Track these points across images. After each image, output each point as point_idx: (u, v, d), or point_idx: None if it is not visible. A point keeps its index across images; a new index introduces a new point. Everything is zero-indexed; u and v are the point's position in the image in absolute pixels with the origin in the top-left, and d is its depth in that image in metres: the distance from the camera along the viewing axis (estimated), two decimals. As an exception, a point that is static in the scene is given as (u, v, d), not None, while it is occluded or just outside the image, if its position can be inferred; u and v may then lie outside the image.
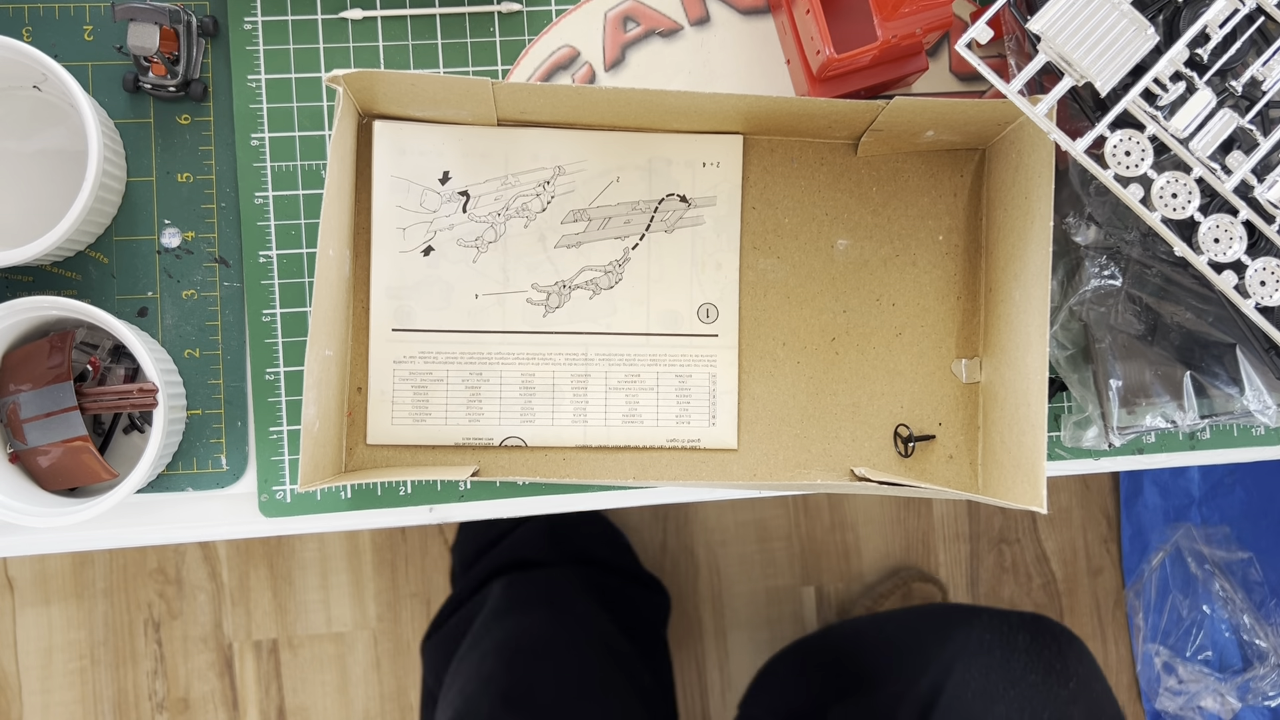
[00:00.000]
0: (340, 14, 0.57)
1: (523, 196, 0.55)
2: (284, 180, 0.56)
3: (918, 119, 0.53)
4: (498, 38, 0.58)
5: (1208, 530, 1.30)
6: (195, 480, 0.56)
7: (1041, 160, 0.50)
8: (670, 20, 0.58)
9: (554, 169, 0.55)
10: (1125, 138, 0.47)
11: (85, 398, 0.53)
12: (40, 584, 1.24)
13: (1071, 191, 0.54)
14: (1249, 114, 0.47)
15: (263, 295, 0.56)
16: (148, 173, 0.56)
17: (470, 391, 0.56)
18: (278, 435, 0.56)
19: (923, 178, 0.58)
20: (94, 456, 0.53)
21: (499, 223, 0.55)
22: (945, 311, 0.57)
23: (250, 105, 0.56)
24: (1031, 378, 0.50)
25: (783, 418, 0.57)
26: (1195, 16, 0.47)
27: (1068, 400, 0.59)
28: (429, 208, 0.55)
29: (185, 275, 0.56)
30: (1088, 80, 0.46)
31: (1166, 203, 0.47)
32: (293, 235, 0.56)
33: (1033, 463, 0.49)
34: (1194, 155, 0.47)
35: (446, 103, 0.52)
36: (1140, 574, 1.32)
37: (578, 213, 0.55)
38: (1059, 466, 0.59)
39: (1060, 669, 0.45)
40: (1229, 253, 0.47)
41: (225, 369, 0.56)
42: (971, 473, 0.57)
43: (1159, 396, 0.56)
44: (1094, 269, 0.55)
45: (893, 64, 0.54)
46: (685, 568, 1.31)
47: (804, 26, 0.54)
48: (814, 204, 0.57)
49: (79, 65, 0.56)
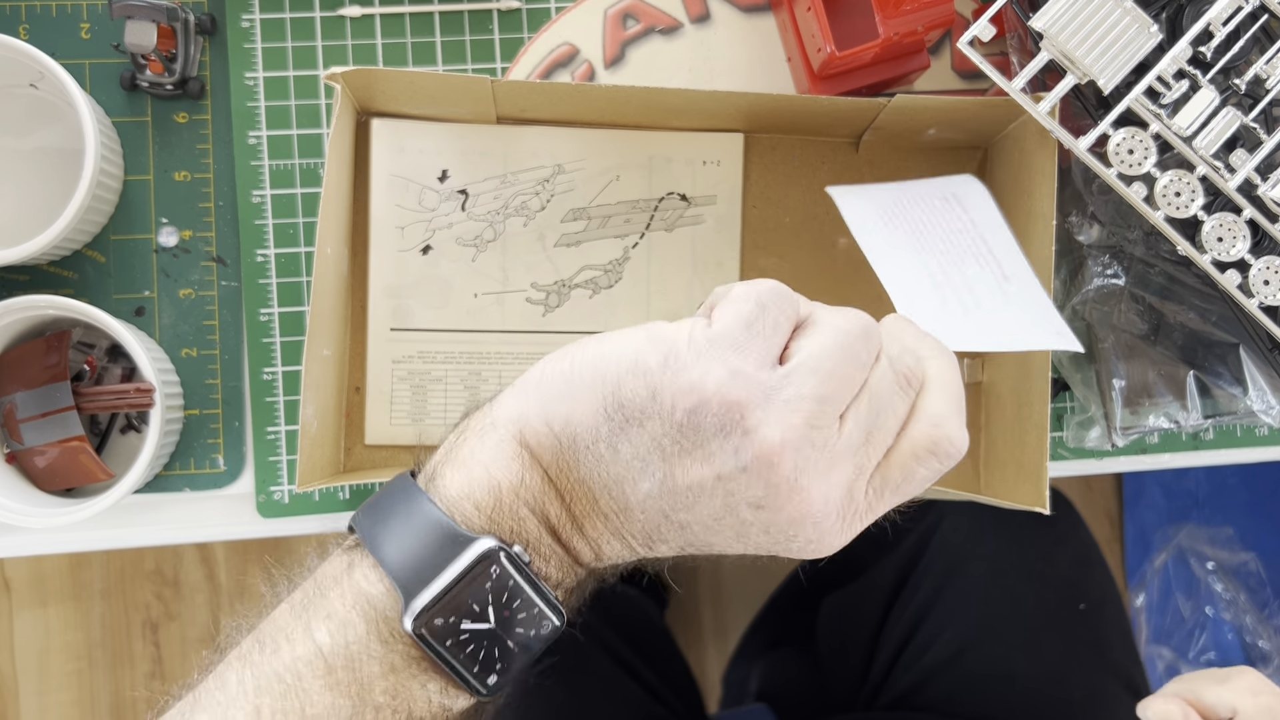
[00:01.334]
0: (338, 11, 0.57)
1: (522, 195, 0.54)
2: (282, 178, 0.56)
3: (919, 117, 0.52)
4: (496, 35, 0.57)
5: (1211, 531, 1.30)
6: (192, 480, 0.56)
7: (1044, 159, 0.50)
8: (670, 18, 0.58)
9: (554, 167, 0.55)
10: (1128, 136, 0.46)
11: (82, 397, 0.52)
12: (37, 585, 1.24)
13: (1074, 190, 0.54)
14: (1252, 112, 0.47)
15: (260, 294, 0.56)
16: (145, 171, 0.56)
17: (469, 391, 0.55)
18: (275, 435, 0.56)
19: (924, 176, 0.57)
20: (91, 456, 0.52)
21: (498, 221, 0.55)
22: (947, 311, 0.57)
23: (248, 103, 0.56)
24: (1034, 378, 0.49)
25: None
26: (1198, 14, 0.47)
27: (1070, 400, 0.58)
28: (428, 206, 0.54)
29: (182, 274, 0.56)
30: (1090, 78, 0.46)
31: (1170, 201, 0.47)
32: (290, 234, 0.56)
33: (1035, 463, 0.48)
34: (1197, 153, 0.47)
35: (445, 101, 0.52)
36: (1143, 575, 1.32)
37: (577, 211, 0.55)
38: (1062, 467, 0.58)
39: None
40: (1232, 252, 0.47)
41: (223, 368, 0.56)
42: (974, 473, 0.56)
43: (1162, 396, 0.56)
44: (1097, 268, 0.54)
45: (894, 61, 0.53)
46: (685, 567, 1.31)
47: (805, 24, 0.53)
48: (815, 202, 0.57)
49: (76, 63, 0.55)
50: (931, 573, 0.74)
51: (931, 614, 0.72)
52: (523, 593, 0.32)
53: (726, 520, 0.33)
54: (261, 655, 0.32)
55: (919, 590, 0.74)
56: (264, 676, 0.31)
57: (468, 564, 0.32)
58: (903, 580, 0.77)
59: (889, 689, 0.73)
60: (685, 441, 0.31)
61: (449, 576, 0.31)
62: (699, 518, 0.33)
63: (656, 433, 0.32)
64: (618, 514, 0.33)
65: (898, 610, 0.76)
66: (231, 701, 0.31)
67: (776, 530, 0.33)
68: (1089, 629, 0.69)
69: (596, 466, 0.33)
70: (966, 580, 0.71)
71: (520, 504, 0.33)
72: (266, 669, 0.31)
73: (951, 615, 0.71)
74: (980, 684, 0.68)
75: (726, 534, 0.33)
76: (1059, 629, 0.69)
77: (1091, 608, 0.70)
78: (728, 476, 0.31)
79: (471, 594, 0.32)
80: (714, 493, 0.32)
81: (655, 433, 0.32)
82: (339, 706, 0.31)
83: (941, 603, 0.72)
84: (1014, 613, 0.70)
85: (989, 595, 0.70)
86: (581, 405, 0.32)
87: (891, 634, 0.75)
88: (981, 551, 0.72)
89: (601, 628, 0.73)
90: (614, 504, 0.33)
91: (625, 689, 0.71)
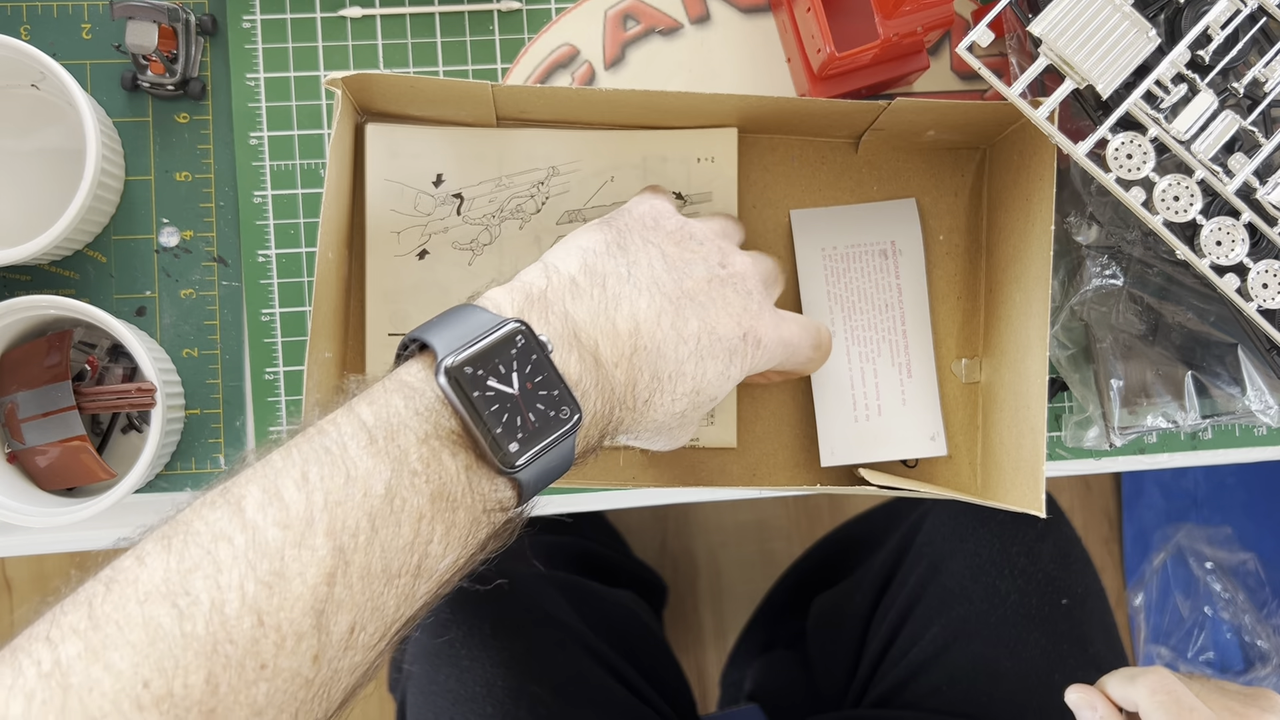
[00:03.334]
0: (339, 12, 0.57)
1: (517, 198, 0.54)
2: (282, 179, 0.56)
3: (919, 119, 0.52)
4: (497, 36, 0.57)
5: (1209, 531, 1.30)
6: (194, 480, 0.56)
7: (1043, 161, 0.50)
8: (670, 18, 0.58)
9: (548, 169, 0.54)
10: (1127, 140, 0.46)
11: (83, 397, 0.53)
12: (38, 584, 1.24)
13: (1073, 190, 0.54)
14: (1251, 115, 0.47)
15: (261, 294, 0.56)
16: (146, 171, 0.56)
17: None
18: (277, 435, 0.56)
19: (924, 177, 0.57)
20: (92, 456, 0.53)
21: (494, 225, 0.54)
22: (945, 311, 0.57)
23: (249, 104, 0.56)
24: (1031, 380, 0.49)
25: (783, 417, 0.57)
26: (1197, 18, 0.47)
27: (1069, 400, 0.59)
28: (423, 211, 0.54)
29: (183, 274, 0.56)
30: (1089, 83, 0.46)
31: (1168, 205, 0.47)
32: (291, 234, 0.56)
33: (1032, 466, 0.48)
34: (1196, 157, 0.47)
35: (445, 104, 0.52)
36: (1142, 574, 1.32)
37: (572, 213, 0.55)
38: (1060, 467, 0.59)
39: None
40: (1231, 255, 0.47)
41: (224, 368, 0.56)
42: (971, 474, 0.56)
43: (1160, 396, 0.56)
44: (1095, 268, 0.54)
45: (894, 62, 0.54)
46: (685, 568, 1.31)
47: (805, 25, 0.54)
48: (815, 202, 0.57)
49: (77, 64, 0.56)
50: (916, 570, 0.74)
51: (916, 611, 0.73)
52: (546, 369, 0.36)
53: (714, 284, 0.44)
54: (308, 438, 0.34)
55: (904, 588, 0.75)
56: (312, 450, 0.33)
57: (495, 336, 0.36)
58: (889, 579, 0.78)
59: (875, 686, 0.74)
60: (659, 235, 0.44)
61: (479, 345, 0.36)
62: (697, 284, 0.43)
63: (642, 234, 0.44)
64: (648, 287, 0.42)
65: (883, 608, 0.77)
66: (280, 472, 0.33)
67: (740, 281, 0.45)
68: (1071, 624, 0.70)
69: (615, 261, 0.42)
70: (950, 577, 0.72)
71: (552, 294, 0.39)
72: (316, 444, 0.33)
73: (935, 612, 0.72)
74: (964, 680, 0.69)
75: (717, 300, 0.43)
76: (1042, 625, 0.70)
77: (1074, 603, 0.71)
78: (694, 248, 0.44)
79: (499, 356, 0.36)
80: (695, 261, 0.44)
81: (641, 234, 0.44)
82: (379, 469, 0.33)
83: (925, 600, 0.73)
84: (997, 609, 0.70)
85: (971, 592, 0.71)
86: (584, 238, 0.43)
87: (877, 632, 0.76)
88: (964, 548, 0.73)
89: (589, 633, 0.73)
90: (643, 278, 0.42)
91: (613, 694, 0.71)
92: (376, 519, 0.32)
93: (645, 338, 0.40)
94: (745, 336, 0.44)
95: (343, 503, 0.32)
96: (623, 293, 0.41)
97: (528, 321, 0.37)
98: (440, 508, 0.34)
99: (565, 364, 0.38)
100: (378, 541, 0.32)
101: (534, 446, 0.36)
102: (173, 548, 0.31)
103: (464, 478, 0.35)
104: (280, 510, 0.31)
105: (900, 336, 0.56)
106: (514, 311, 0.38)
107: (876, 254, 0.57)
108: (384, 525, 0.32)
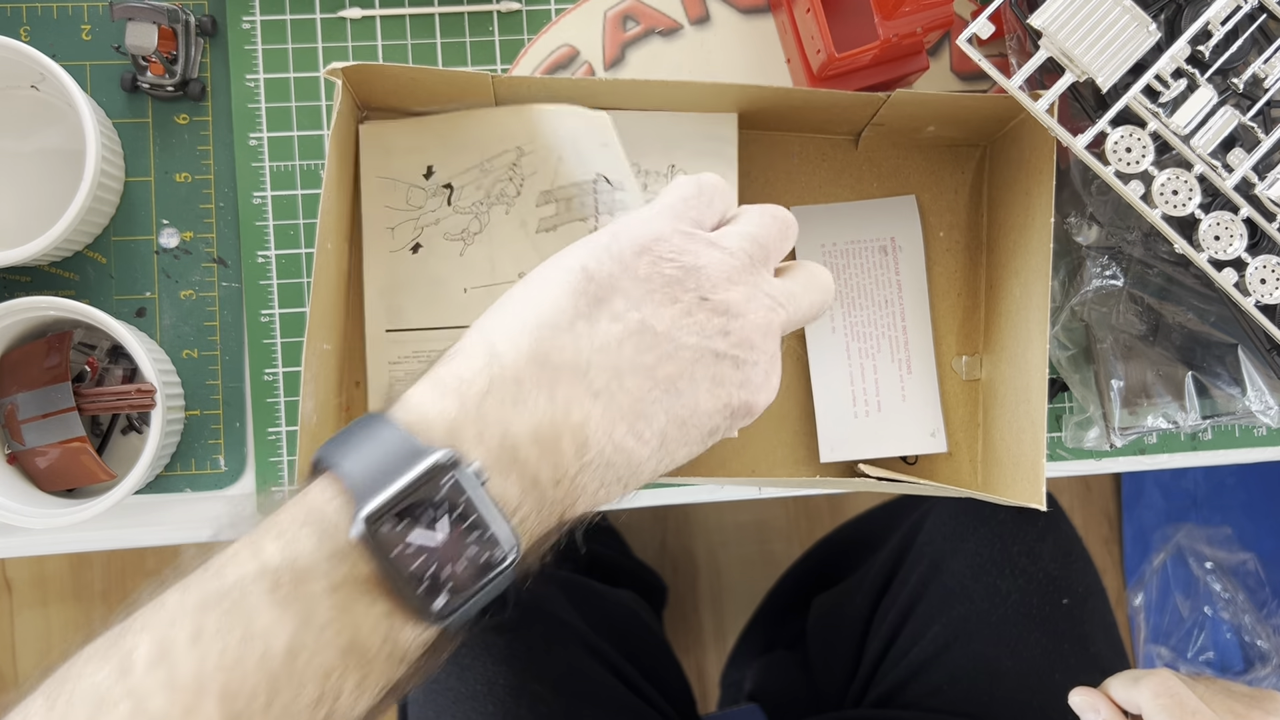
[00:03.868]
0: (339, 13, 0.57)
1: (500, 182, 0.54)
2: (282, 180, 0.56)
3: (919, 114, 0.53)
4: (497, 37, 0.57)
5: (1209, 531, 1.30)
6: (193, 481, 0.56)
7: (1043, 157, 0.50)
8: (670, 19, 0.58)
9: (515, 150, 0.54)
10: (1126, 134, 0.47)
11: (83, 398, 0.53)
12: (38, 585, 1.24)
13: (1073, 191, 0.54)
14: (1250, 111, 0.47)
15: (261, 295, 0.56)
16: (146, 172, 0.56)
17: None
18: (276, 436, 0.56)
19: (924, 173, 0.57)
20: (92, 457, 0.52)
21: (482, 212, 0.54)
22: (945, 308, 0.57)
23: (248, 105, 0.56)
24: (1032, 374, 0.49)
25: (782, 413, 0.57)
26: (1197, 14, 0.47)
27: (1069, 401, 0.59)
28: (415, 204, 0.54)
29: (183, 275, 0.56)
30: (1089, 76, 0.46)
31: (1167, 200, 0.47)
32: (291, 235, 0.56)
33: (1032, 460, 0.49)
34: (1195, 152, 0.47)
35: (446, 97, 0.52)
36: (1142, 575, 1.32)
37: (545, 195, 0.54)
38: (1060, 467, 0.58)
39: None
40: (1230, 250, 0.47)
41: (223, 369, 0.56)
42: (971, 471, 0.56)
43: (1160, 397, 0.56)
44: (1095, 269, 0.54)
45: (893, 63, 0.54)
46: (685, 568, 1.31)
47: (804, 25, 0.54)
48: (815, 199, 0.57)
49: (77, 65, 0.56)
50: (916, 570, 0.74)
51: (916, 611, 0.73)
52: (477, 508, 0.32)
53: (704, 361, 0.36)
54: (205, 576, 0.31)
55: (905, 588, 0.75)
56: (208, 595, 0.30)
57: (419, 473, 0.31)
58: (889, 579, 0.78)
59: (876, 686, 0.74)
60: (651, 287, 0.36)
61: (400, 484, 0.31)
62: (680, 366, 0.36)
63: (626, 289, 0.36)
64: (607, 386, 0.35)
65: (884, 608, 0.77)
66: (173, 620, 0.30)
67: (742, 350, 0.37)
68: (1072, 623, 0.70)
69: (578, 342, 0.35)
70: (950, 577, 0.72)
71: (489, 401, 0.34)
72: (211, 588, 0.30)
73: (936, 612, 0.72)
74: (964, 679, 0.69)
75: (703, 381, 0.36)
76: (1042, 624, 0.70)
77: (1075, 602, 0.71)
78: (693, 308, 0.36)
79: (422, 505, 0.31)
80: (688, 330, 0.36)
81: (625, 289, 0.36)
82: (282, 623, 0.30)
83: (926, 600, 0.73)
84: (997, 608, 0.70)
85: (972, 591, 0.71)
86: (551, 293, 0.36)
87: (878, 632, 0.76)
88: (965, 548, 0.73)
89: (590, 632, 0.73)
90: (603, 374, 0.35)
91: (613, 692, 0.71)
92: (278, 680, 0.29)
93: (593, 453, 0.35)
94: (734, 412, 0.38)
95: (240, 662, 0.29)
96: (574, 398, 0.34)
97: (459, 446, 0.33)
98: (353, 661, 0.31)
99: (503, 490, 0.33)
100: (278, 703, 0.29)
101: (463, 596, 0.32)
102: (55, 709, 0.29)
103: (383, 626, 0.31)
104: (168, 671, 0.29)
105: (900, 333, 0.56)
106: (443, 429, 0.33)
107: (876, 250, 0.57)
108: (286, 686, 0.29)
